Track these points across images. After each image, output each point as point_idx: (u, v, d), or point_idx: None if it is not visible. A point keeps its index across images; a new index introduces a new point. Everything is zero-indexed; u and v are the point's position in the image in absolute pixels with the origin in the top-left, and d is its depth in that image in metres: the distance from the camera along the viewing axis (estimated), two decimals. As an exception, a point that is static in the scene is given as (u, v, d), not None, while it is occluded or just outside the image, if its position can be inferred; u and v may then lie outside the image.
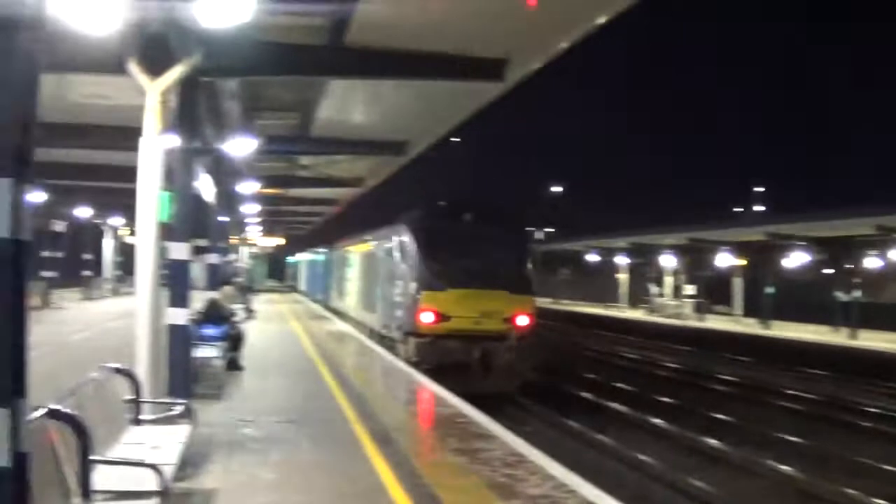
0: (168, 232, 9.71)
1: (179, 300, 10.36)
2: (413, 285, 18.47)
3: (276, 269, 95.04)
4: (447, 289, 17.97)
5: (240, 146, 17.65)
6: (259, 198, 33.08)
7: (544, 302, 65.40)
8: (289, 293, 61.27)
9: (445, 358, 17.26)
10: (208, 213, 20.73)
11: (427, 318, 17.87)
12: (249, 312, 29.09)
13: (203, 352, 13.26)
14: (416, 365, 16.94)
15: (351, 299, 29.31)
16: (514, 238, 19.90)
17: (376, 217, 25.95)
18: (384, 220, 22.98)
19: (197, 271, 51.32)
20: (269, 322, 27.91)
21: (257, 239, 54.77)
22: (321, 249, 45.98)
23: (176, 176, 10.59)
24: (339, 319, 29.91)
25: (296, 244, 73.58)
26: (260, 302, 39.92)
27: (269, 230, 55.83)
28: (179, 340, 10.25)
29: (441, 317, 17.85)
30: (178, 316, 10.29)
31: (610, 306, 56.52)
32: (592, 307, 58.31)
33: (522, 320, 18.21)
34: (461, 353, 17.46)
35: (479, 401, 12.37)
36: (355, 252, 28.69)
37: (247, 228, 43.89)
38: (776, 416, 17.14)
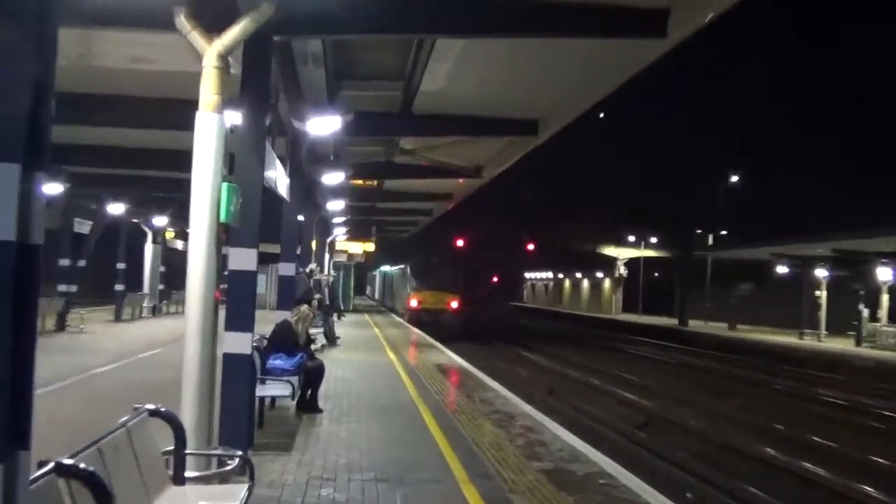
0: (229, 235, 9.82)
1: (241, 322, 10.47)
2: (408, 289, 55.01)
3: (364, 282, 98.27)
4: (422, 290, 52.62)
5: (323, 125, 17.81)
6: (348, 192, 33.52)
7: (716, 328, 64.52)
8: (385, 314, 62.31)
9: (420, 319, 48.74)
10: (281, 211, 21.02)
11: (413, 303, 52.14)
12: (332, 340, 29.54)
13: (270, 389, 13.45)
14: (409, 321, 50.48)
15: (391, 298, 70.91)
16: (452, 269, 55.03)
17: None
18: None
19: (265, 285, 52.65)
20: (357, 351, 28.20)
21: (343, 244, 55.88)
22: (386, 268, 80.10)
23: (241, 163, 10.74)
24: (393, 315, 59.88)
25: (394, 251, 75.17)
26: (346, 325, 40.49)
27: (358, 234, 56.94)
28: (239, 374, 10.36)
29: (419, 302, 51.57)
30: (239, 343, 10.40)
31: (805, 333, 54.72)
32: (780, 334, 56.62)
33: (453, 304, 51.73)
34: (427, 318, 48.76)
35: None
36: (393, 273, 72.31)
37: (331, 231, 44.60)
38: None
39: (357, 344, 31.31)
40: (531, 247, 79.87)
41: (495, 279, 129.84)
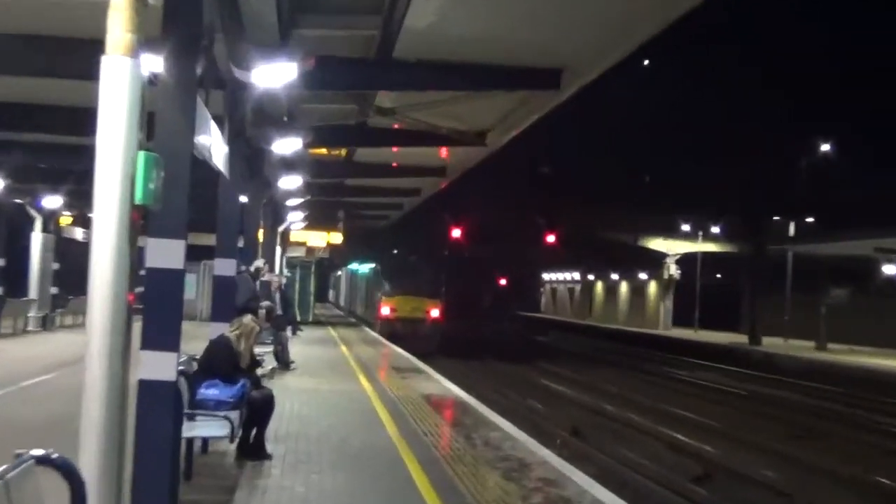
0: (147, 221, 9.74)
1: (163, 338, 10.38)
2: (379, 293, 59.33)
3: (328, 285, 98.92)
4: (395, 295, 57.34)
5: (274, 75, 17.69)
6: (307, 165, 33.23)
7: (798, 347, 64.08)
8: (357, 327, 62.22)
9: (394, 331, 53.12)
10: (217, 189, 20.76)
11: (385, 311, 56.81)
12: (284, 362, 29.39)
13: (201, 428, 13.38)
14: (380, 333, 54.21)
15: (363, 305, 72.08)
16: (432, 267, 63.56)
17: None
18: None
19: (196, 289, 52.59)
20: (319, 377, 28.28)
21: (301, 235, 55.61)
22: (356, 266, 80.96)
23: (163, 125, 10.64)
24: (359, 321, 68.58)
25: (369, 243, 75.08)
26: (304, 341, 40.31)
27: (321, 221, 56.74)
28: (160, 408, 10.30)
29: (392, 310, 56.48)
30: (160, 366, 10.33)
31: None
32: (888, 357, 56.24)
33: (434, 313, 56.56)
34: (401, 329, 53.64)
35: None
36: (365, 273, 72.05)
37: (284, 217, 44.31)
38: None
39: (319, 367, 31.38)
40: (551, 238, 79.14)
41: (502, 281, 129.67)
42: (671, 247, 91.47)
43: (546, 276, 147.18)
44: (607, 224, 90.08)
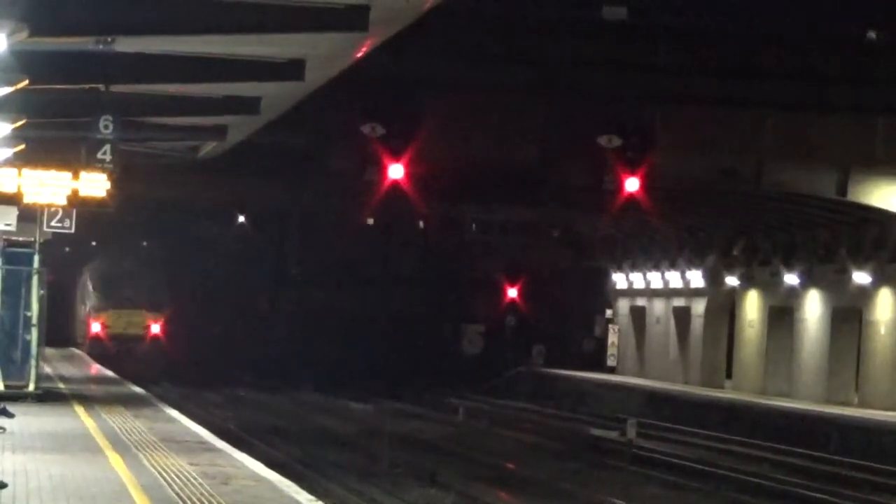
0: None
1: None
2: (87, 305, 65.72)
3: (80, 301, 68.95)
4: (107, 307, 60.05)
5: None
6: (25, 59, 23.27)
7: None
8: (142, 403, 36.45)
9: (106, 352, 56.70)
10: None
11: (96, 327, 58.93)
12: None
13: None
14: (90, 353, 59.76)
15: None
16: (150, 265, 64.70)
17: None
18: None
19: None
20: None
21: (8, 179, 31.72)
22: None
23: None
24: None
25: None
26: (20, 448, 22.03)
27: (56, 155, 32.52)
28: None
29: (104, 326, 58.79)
30: None
31: None
32: None
33: (154, 328, 55.28)
34: (118, 348, 56.55)
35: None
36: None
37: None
38: None
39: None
40: (632, 184, 42.45)
41: (511, 291, 77.94)
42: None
43: (620, 282, 76.30)
44: (774, 155, 46.19)
